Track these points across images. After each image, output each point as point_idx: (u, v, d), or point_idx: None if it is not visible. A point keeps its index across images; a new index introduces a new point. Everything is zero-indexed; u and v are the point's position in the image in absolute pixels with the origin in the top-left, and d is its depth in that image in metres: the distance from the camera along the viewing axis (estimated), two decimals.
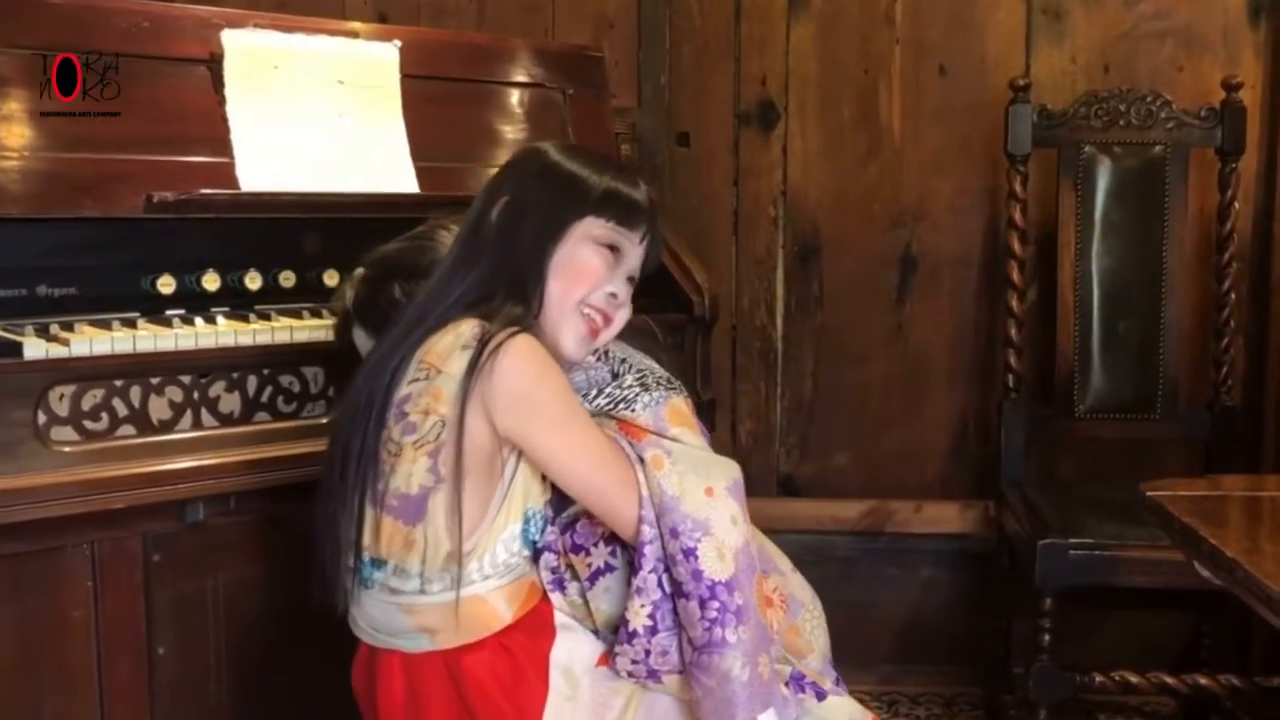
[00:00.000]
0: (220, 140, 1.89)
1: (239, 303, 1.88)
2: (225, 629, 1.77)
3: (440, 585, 1.42)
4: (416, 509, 1.41)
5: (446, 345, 1.41)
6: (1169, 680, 2.36)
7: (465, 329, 1.42)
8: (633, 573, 1.44)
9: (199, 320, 1.77)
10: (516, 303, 1.46)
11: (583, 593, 1.49)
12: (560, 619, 1.50)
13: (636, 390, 1.53)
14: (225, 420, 1.73)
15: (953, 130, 2.83)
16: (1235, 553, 1.36)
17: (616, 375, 1.56)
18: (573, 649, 1.48)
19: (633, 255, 1.54)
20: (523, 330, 1.42)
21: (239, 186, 1.88)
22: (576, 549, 1.50)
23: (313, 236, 2.00)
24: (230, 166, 1.88)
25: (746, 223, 2.92)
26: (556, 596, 1.50)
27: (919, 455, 2.91)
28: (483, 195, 1.55)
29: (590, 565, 1.48)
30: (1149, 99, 2.61)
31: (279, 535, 1.77)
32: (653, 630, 1.43)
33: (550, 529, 1.51)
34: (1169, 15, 2.75)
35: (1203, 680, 2.38)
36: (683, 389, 1.58)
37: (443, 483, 1.40)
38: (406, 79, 2.10)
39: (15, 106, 1.72)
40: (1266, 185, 2.72)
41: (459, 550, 1.41)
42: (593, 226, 1.51)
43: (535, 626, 1.48)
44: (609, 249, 1.52)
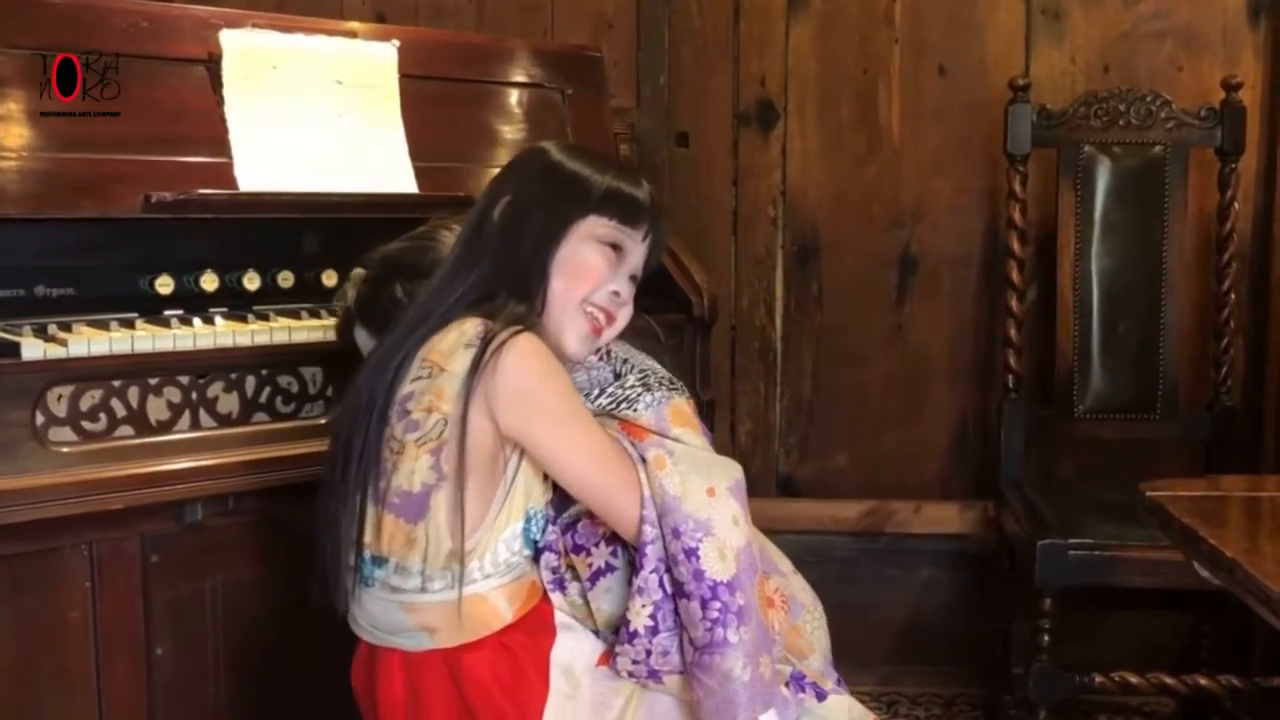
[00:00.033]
0: (219, 140, 1.89)
1: (237, 303, 1.87)
2: (224, 629, 1.77)
3: (441, 583, 1.42)
4: (418, 507, 1.41)
5: (450, 343, 1.41)
6: (1169, 681, 2.36)
7: (469, 327, 1.42)
8: (634, 573, 1.44)
9: (197, 321, 1.77)
10: (519, 301, 1.46)
11: (583, 593, 1.49)
12: (561, 619, 1.50)
13: (639, 390, 1.53)
14: (223, 421, 1.73)
15: (952, 130, 2.83)
16: (1235, 553, 1.36)
17: (619, 375, 1.56)
18: (573, 649, 1.48)
19: (635, 254, 1.54)
20: (526, 329, 1.42)
21: (237, 187, 1.87)
22: (577, 549, 1.49)
23: (311, 237, 2.00)
24: (229, 166, 1.88)
25: (746, 223, 2.92)
26: (557, 596, 1.50)
27: (918, 455, 2.91)
28: (485, 195, 1.55)
29: (591, 565, 1.48)
30: (1149, 99, 2.60)
31: (277, 536, 1.77)
32: (654, 630, 1.42)
33: (551, 529, 1.51)
34: (1168, 15, 2.75)
35: (1202, 681, 2.37)
36: (685, 389, 1.58)
37: (445, 480, 1.40)
38: (405, 79, 2.10)
39: (15, 107, 1.72)
40: (1266, 185, 2.72)
41: (461, 549, 1.41)
42: (595, 225, 1.51)
43: (536, 626, 1.47)
44: (611, 247, 1.52)
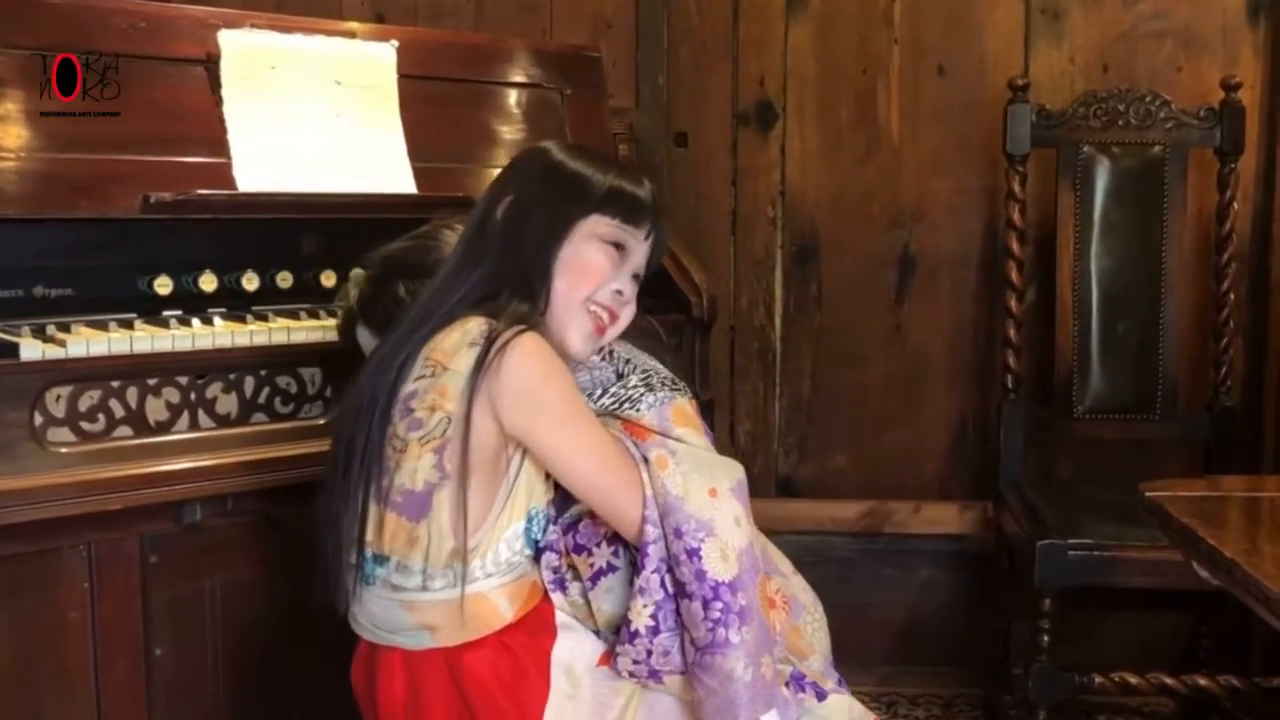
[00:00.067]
0: (217, 140, 1.89)
1: (236, 303, 1.87)
2: (222, 630, 1.77)
3: (442, 582, 1.42)
4: (421, 505, 1.41)
5: (453, 342, 1.41)
6: (1168, 681, 2.36)
7: (472, 326, 1.42)
8: (635, 573, 1.44)
9: (196, 321, 1.77)
10: (522, 301, 1.46)
11: (584, 592, 1.49)
12: (561, 618, 1.50)
13: (641, 390, 1.53)
14: (222, 421, 1.73)
15: (951, 130, 2.83)
16: (1234, 553, 1.36)
17: (621, 375, 1.56)
18: (574, 648, 1.48)
19: (638, 252, 1.55)
20: (530, 328, 1.42)
21: (236, 187, 1.87)
22: (579, 549, 1.49)
23: (310, 237, 2.00)
24: (227, 167, 1.88)
25: (745, 223, 2.92)
26: (558, 596, 1.50)
27: (918, 456, 2.91)
28: (487, 195, 1.55)
29: (592, 565, 1.48)
30: (1148, 99, 2.60)
31: (276, 536, 1.77)
32: (655, 630, 1.42)
33: (552, 529, 1.51)
34: (1168, 15, 2.75)
35: (1202, 681, 2.37)
36: (687, 390, 1.58)
37: (448, 479, 1.40)
38: (404, 79, 2.10)
39: (14, 107, 1.72)
40: (1265, 185, 2.72)
41: (464, 547, 1.41)
42: (598, 224, 1.51)
43: (536, 625, 1.47)
44: (614, 246, 1.52)
